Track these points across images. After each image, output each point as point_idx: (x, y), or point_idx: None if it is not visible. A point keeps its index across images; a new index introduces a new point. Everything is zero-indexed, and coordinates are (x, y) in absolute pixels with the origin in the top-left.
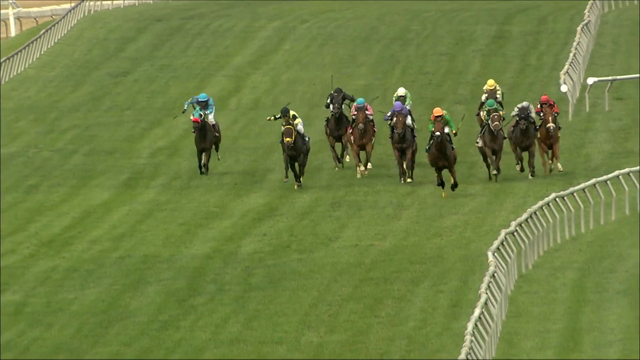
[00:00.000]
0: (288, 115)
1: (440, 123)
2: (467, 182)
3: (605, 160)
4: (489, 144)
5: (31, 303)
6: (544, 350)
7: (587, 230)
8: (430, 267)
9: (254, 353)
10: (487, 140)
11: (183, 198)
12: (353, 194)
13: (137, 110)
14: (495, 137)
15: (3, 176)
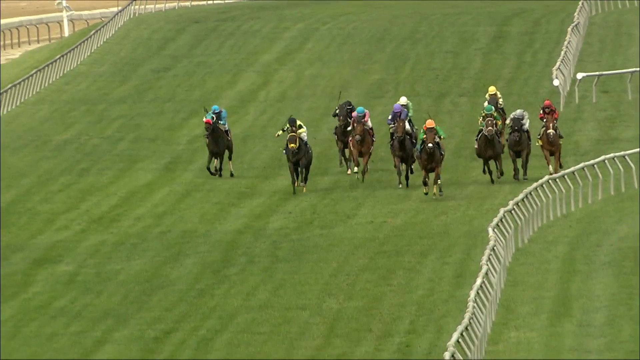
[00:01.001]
0: (295, 125)
1: (432, 134)
2: (470, 166)
3: (592, 146)
4: (483, 150)
5: (83, 273)
6: (538, 315)
7: (577, 208)
8: (437, 241)
9: (280, 317)
10: (481, 145)
11: (217, 180)
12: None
13: (176, 102)
14: (490, 143)
15: (58, 160)
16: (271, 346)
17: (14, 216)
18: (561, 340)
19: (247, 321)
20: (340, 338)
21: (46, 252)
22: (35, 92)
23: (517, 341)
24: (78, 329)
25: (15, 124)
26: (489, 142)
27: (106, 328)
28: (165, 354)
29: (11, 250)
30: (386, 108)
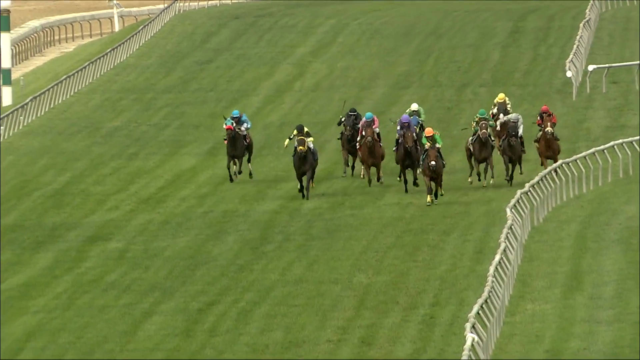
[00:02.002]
0: (303, 132)
1: (434, 151)
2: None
3: (602, 132)
4: (477, 153)
5: (132, 250)
6: (552, 289)
7: (588, 190)
8: (458, 220)
9: (314, 291)
10: (475, 148)
11: (256, 165)
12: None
13: (218, 92)
14: (484, 146)
15: (109, 146)
16: (305, 317)
17: (69, 197)
18: (573, 312)
19: (283, 294)
20: (369, 310)
21: (98, 230)
22: (88, 83)
23: (533, 313)
24: (127, 301)
25: (69, 112)
26: (483, 145)
27: (153, 300)
28: (207, 325)
29: (66, 228)
30: (412, 98)
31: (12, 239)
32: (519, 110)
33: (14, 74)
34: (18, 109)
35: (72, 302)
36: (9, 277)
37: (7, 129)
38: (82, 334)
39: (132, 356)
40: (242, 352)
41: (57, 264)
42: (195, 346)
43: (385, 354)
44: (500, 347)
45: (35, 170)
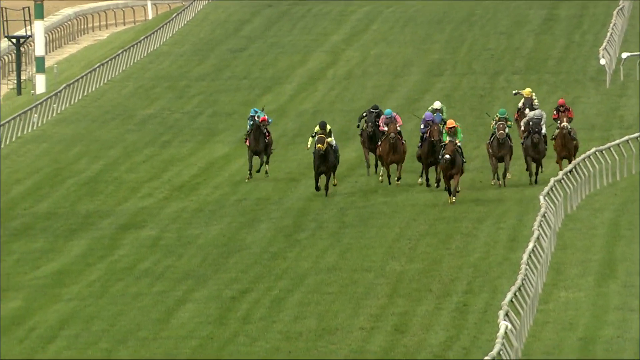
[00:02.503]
0: (325, 129)
1: (452, 144)
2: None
3: (636, 120)
4: (495, 152)
5: (165, 237)
6: (586, 277)
7: (622, 178)
8: (492, 208)
9: (347, 279)
10: (494, 148)
11: (289, 152)
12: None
13: (251, 80)
14: (502, 145)
15: (142, 133)
16: (339, 305)
17: (102, 185)
18: (607, 300)
19: (317, 282)
20: (402, 298)
21: (131, 217)
22: (121, 70)
23: (566, 301)
24: (161, 289)
25: (103, 99)
26: (501, 145)
27: (187, 288)
28: (241, 312)
29: (99, 216)
30: (445, 85)
31: (45, 226)
32: (552, 97)
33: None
34: (52, 97)
35: (105, 290)
36: (43, 264)
37: (41, 117)
38: (115, 322)
39: (166, 344)
40: (275, 340)
41: (91, 251)
42: (228, 334)
43: (418, 341)
44: (534, 335)
45: (68, 158)
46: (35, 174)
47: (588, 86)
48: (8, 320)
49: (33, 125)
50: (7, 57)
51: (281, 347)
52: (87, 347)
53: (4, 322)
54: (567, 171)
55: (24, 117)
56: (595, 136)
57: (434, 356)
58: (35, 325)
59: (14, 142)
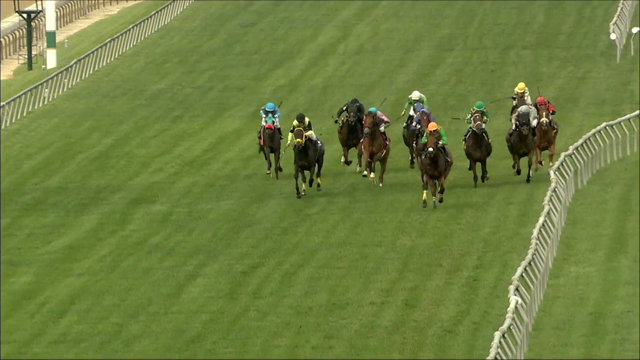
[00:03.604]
0: (303, 122)
1: (433, 137)
2: None
3: None
4: (472, 150)
5: (176, 212)
6: (596, 252)
7: (632, 152)
8: (502, 183)
9: (358, 254)
10: (470, 145)
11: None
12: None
13: (262, 54)
14: (479, 141)
15: (153, 108)
16: (349, 280)
17: (113, 160)
18: (617, 275)
19: (327, 257)
20: (412, 272)
21: (142, 192)
22: (132, 45)
23: (577, 275)
24: (171, 264)
25: (113, 74)
26: (478, 140)
27: (197, 263)
28: (251, 287)
29: (110, 190)
30: (456, 60)
31: (56, 201)
32: (562, 72)
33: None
34: (62, 72)
35: (116, 265)
36: (54, 239)
37: (52, 92)
38: (126, 296)
39: (176, 318)
40: (286, 314)
41: (102, 226)
42: (239, 308)
43: (429, 316)
44: (544, 310)
45: (79, 133)
46: (46, 149)
47: (598, 61)
48: (19, 294)
49: (44, 100)
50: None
51: (292, 322)
52: (98, 321)
53: (15, 296)
54: (578, 146)
55: (35, 92)
56: (606, 111)
57: (444, 331)
58: (46, 300)
59: (25, 117)
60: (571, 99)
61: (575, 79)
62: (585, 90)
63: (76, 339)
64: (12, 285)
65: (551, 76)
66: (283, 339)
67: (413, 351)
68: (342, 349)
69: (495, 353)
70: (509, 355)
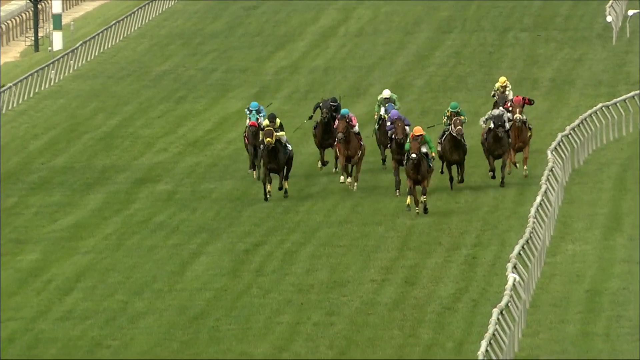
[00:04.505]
0: (274, 122)
1: (416, 142)
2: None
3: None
4: (448, 154)
5: (180, 191)
6: (592, 230)
7: (628, 133)
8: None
9: (358, 232)
10: (446, 148)
11: (301, 107)
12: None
13: (264, 37)
14: (456, 145)
15: (157, 89)
16: (350, 258)
17: (118, 140)
18: (613, 253)
19: (328, 235)
20: (412, 250)
21: (147, 172)
22: (136, 28)
23: (573, 253)
24: (175, 242)
25: (118, 56)
26: (456, 144)
27: (201, 241)
28: (254, 265)
29: (115, 170)
30: (454, 42)
31: (62, 180)
32: (559, 54)
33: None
34: (68, 54)
35: (121, 243)
36: (60, 218)
37: (58, 73)
38: (131, 274)
39: (180, 296)
40: (288, 292)
41: (107, 205)
42: (242, 286)
43: (428, 293)
44: (541, 287)
45: (85, 114)
46: (52, 130)
47: (595, 43)
48: (26, 272)
49: (50, 82)
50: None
51: (293, 299)
52: (103, 298)
53: (22, 274)
54: (574, 126)
55: (41, 74)
56: (602, 92)
57: (443, 308)
58: (52, 278)
59: (31, 98)
60: (568, 81)
61: (572, 61)
62: (581, 71)
63: (82, 315)
64: (19, 263)
65: (548, 58)
66: (285, 315)
67: (413, 327)
68: (343, 326)
69: (494, 329)
70: (507, 331)
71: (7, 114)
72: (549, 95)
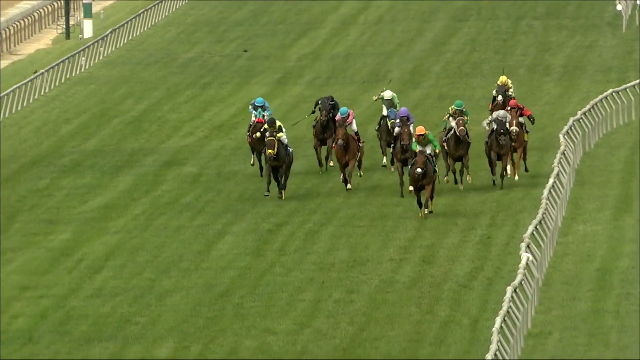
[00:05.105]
0: (274, 126)
1: (422, 156)
2: (543, 81)
3: None
4: (453, 150)
5: (205, 174)
6: (603, 211)
7: (637, 117)
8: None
9: (377, 213)
10: (451, 146)
11: (323, 93)
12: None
13: (287, 24)
14: (460, 143)
15: (184, 75)
16: (369, 237)
17: (146, 124)
18: (622, 233)
19: (348, 216)
20: (429, 231)
21: (174, 155)
22: (164, 16)
23: (584, 233)
24: (201, 222)
25: (146, 43)
26: (460, 142)
27: (226, 221)
28: (277, 244)
29: (143, 153)
30: (470, 30)
31: (92, 163)
32: (571, 42)
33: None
34: (98, 41)
35: (149, 223)
36: (90, 199)
37: (88, 60)
38: (158, 253)
39: (206, 274)
40: (309, 270)
41: (136, 187)
42: (265, 264)
43: (445, 272)
44: (554, 266)
45: (114, 99)
46: (83, 114)
47: (605, 31)
48: (58, 251)
49: (81, 68)
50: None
51: (315, 277)
52: (132, 277)
53: (54, 253)
54: (585, 111)
55: (73, 60)
56: (612, 78)
57: (459, 286)
58: (83, 257)
59: (63, 83)
60: (579, 67)
61: (583, 48)
62: (592, 58)
63: (111, 293)
64: (51, 242)
65: (560, 45)
66: (307, 293)
67: (430, 305)
68: (362, 303)
69: (508, 306)
70: (521, 308)
71: (40, 99)
72: (561, 81)
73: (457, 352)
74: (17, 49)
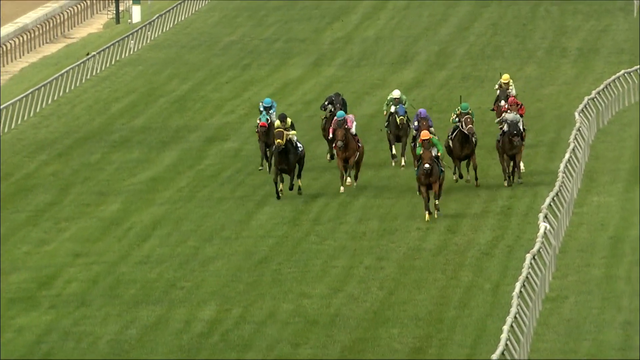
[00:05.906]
0: (285, 122)
1: (428, 152)
2: (560, 63)
3: None
4: (458, 150)
5: (245, 149)
6: (616, 183)
7: None
8: (532, 123)
9: (405, 186)
10: (456, 146)
11: (354, 74)
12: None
13: (322, 9)
14: (466, 142)
15: (226, 57)
16: (398, 208)
17: (190, 102)
18: (634, 204)
19: (378, 188)
20: (454, 202)
21: (216, 131)
22: (207, 2)
23: (598, 204)
24: (241, 194)
25: (191, 27)
26: (465, 142)
27: (265, 193)
28: (312, 215)
29: (188, 130)
30: (492, 15)
31: (141, 139)
32: (586, 25)
33: None
34: (146, 25)
35: (193, 195)
36: (139, 172)
37: (137, 43)
38: (202, 223)
39: (246, 242)
40: (342, 239)
41: (180, 161)
42: (301, 233)
43: (468, 240)
44: (570, 235)
45: (161, 79)
46: (132, 94)
47: (618, 15)
48: (108, 221)
49: (130, 51)
50: None
51: (347, 245)
52: (177, 245)
53: (105, 223)
54: (599, 90)
55: (122, 44)
56: (624, 59)
57: (481, 253)
58: (132, 226)
59: (113, 65)
60: (593, 49)
61: (597, 32)
62: (606, 41)
63: (158, 260)
64: (102, 212)
65: (575, 29)
66: (340, 260)
67: (454, 271)
68: (391, 269)
69: (527, 272)
70: (539, 274)
71: (92, 79)
72: (577, 63)
73: (480, 314)
74: (70, 33)
